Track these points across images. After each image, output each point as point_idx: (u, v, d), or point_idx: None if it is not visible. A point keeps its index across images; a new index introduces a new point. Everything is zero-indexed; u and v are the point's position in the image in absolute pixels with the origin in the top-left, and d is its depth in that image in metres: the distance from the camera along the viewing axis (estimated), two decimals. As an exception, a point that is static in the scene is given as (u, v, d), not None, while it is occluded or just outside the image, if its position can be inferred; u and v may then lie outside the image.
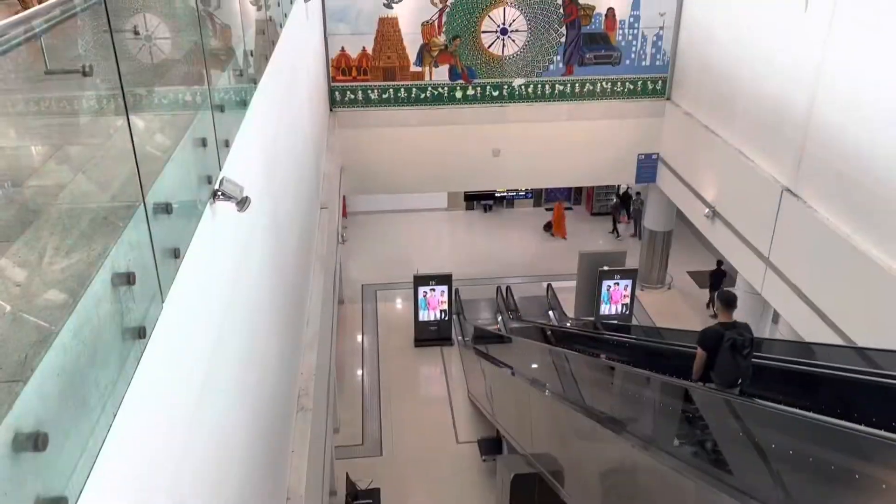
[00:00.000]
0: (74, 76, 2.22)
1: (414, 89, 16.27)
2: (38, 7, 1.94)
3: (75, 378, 1.83)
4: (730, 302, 6.42)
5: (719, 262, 16.88)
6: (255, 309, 5.19)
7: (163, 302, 2.68)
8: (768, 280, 12.09)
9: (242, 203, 3.87)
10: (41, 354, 1.64)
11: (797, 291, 11.17)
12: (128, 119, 2.50)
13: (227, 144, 4.17)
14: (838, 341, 9.83)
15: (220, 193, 3.75)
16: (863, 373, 6.15)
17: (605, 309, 16.25)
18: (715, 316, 16.56)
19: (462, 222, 23.57)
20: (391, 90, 16.21)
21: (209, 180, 3.71)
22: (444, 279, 16.10)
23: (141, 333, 2.39)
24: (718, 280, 16.84)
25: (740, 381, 6.20)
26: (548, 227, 22.26)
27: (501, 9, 15.74)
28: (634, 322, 16.55)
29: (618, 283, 16.14)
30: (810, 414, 4.53)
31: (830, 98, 10.63)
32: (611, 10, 15.87)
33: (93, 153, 2.68)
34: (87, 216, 2.43)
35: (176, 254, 2.96)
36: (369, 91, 16.21)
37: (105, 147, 2.68)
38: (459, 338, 16.54)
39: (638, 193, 21.94)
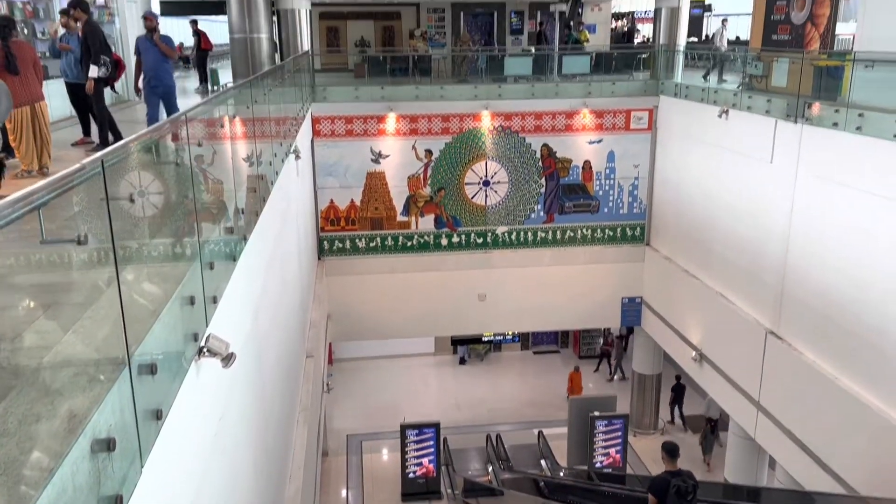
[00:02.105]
0: (69, 245, 2.29)
1: (401, 237, 16.68)
2: (40, 184, 2.05)
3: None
4: (672, 452, 7.40)
5: (678, 377, 17.78)
6: (235, 468, 5.02)
7: (142, 467, 2.62)
8: (761, 424, 11.91)
9: (228, 359, 3.86)
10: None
11: (791, 436, 10.98)
12: (118, 283, 2.56)
13: (214, 300, 4.22)
14: (839, 489, 9.55)
15: (205, 350, 3.75)
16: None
17: (598, 456, 15.77)
18: (707, 462, 16.43)
19: (450, 367, 23.33)
20: (378, 238, 16.60)
21: (195, 337, 3.73)
22: (432, 427, 15.68)
23: (117, 502, 2.32)
24: (679, 395, 18.01)
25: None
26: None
27: (483, 162, 16.49)
28: (629, 471, 16.03)
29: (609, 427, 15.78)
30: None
31: (802, 243, 11.01)
32: (587, 163, 16.67)
33: (81, 315, 2.71)
34: (71, 380, 2.43)
35: (158, 415, 2.92)
36: (357, 240, 16.59)
37: (94, 309, 2.72)
38: (449, 490, 15.87)
39: (619, 337, 22.05)
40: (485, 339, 23.75)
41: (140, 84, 10.27)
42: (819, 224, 10.61)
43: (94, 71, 8.72)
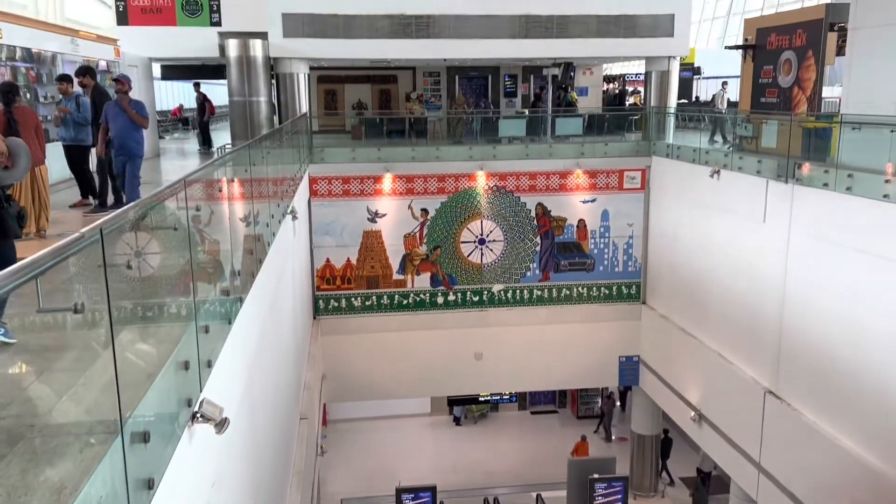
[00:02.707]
0: (66, 313, 2.30)
1: (396, 296, 16.67)
2: (40, 254, 2.07)
3: None
4: None
5: (665, 430, 17.74)
6: (227, 536, 4.90)
7: (131, 541, 2.56)
8: (763, 487, 11.70)
9: (221, 425, 3.82)
10: None
11: (793, 498, 10.78)
12: (113, 350, 2.55)
13: (209, 365, 4.19)
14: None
15: (199, 416, 3.71)
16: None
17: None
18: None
19: (446, 428, 22.96)
20: (374, 297, 16.58)
21: (189, 403, 3.70)
22: (428, 491, 15.33)
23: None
24: (666, 449, 18.02)
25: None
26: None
27: (479, 221, 16.63)
28: (629, 535, 15.64)
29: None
30: None
31: (797, 302, 11.03)
32: (582, 222, 16.81)
33: (74, 381, 2.69)
34: (62, 450, 2.40)
35: (150, 484, 2.87)
36: (353, 298, 16.57)
37: (87, 376, 2.70)
38: (445, 557, 15.44)
39: (608, 397, 21.86)
40: (482, 398, 23.48)
41: (100, 151, 9.46)
42: (814, 282, 10.65)
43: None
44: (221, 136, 17.90)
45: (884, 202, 9.03)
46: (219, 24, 15.29)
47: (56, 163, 9.68)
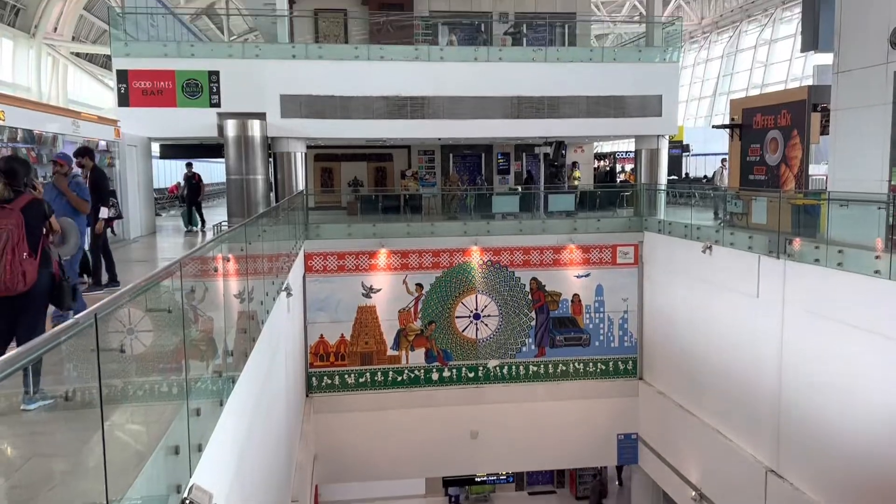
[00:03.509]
0: (57, 401, 2.27)
1: (391, 372, 16.49)
2: (35, 341, 2.06)
3: None
4: None
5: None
6: None
7: None
8: (769, 571, 11.32)
9: (210, 512, 3.72)
10: None
11: (801, 584, 10.42)
12: (103, 439, 2.51)
13: (199, 449, 4.11)
14: None
15: (188, 503, 3.62)
16: None
17: None
18: None
19: (441, 510, 22.29)
20: (368, 374, 16.40)
21: (178, 489, 3.61)
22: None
23: None
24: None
25: None
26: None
27: (473, 296, 16.63)
28: None
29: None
30: None
31: (794, 377, 10.96)
32: (576, 296, 16.83)
33: (62, 470, 2.64)
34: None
35: (133, 580, 2.77)
36: (346, 375, 16.37)
37: (74, 465, 2.65)
38: None
39: (596, 475, 21.33)
40: (478, 479, 22.89)
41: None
42: (810, 358, 10.61)
43: (104, 212, 9.05)
44: (218, 214, 18.06)
45: (875, 278, 9.10)
46: (218, 105, 15.65)
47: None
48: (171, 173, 31.81)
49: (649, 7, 18.21)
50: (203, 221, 16.60)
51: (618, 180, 25.40)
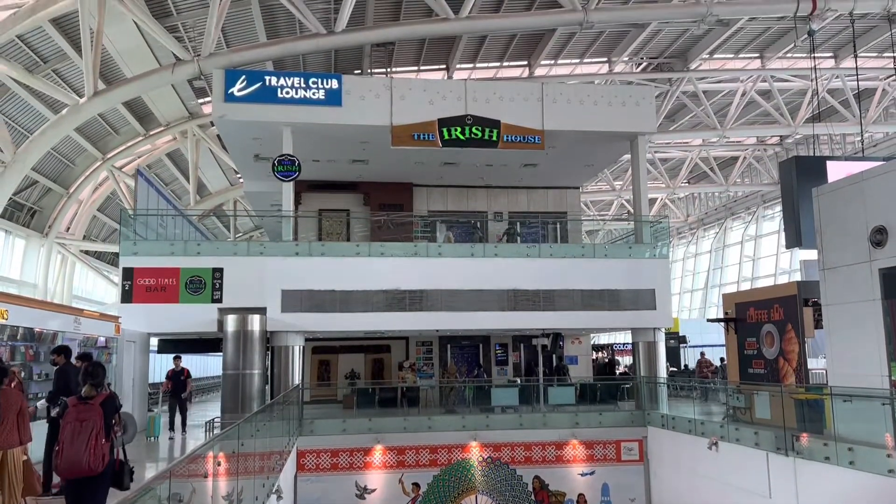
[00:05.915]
0: None
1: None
2: None
3: None
4: None
5: None
6: None
7: None
8: None
9: None
10: None
11: None
12: None
13: None
14: None
15: None
16: None
17: None
18: None
19: None
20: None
21: None
22: None
23: None
24: None
25: None
26: None
27: (473, 497, 15.85)
28: None
29: None
30: None
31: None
32: (581, 497, 16.05)
33: None
34: None
35: None
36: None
37: None
38: None
39: None
40: None
41: None
42: None
43: (41, 405, 8.95)
44: (211, 410, 17.66)
45: (890, 477, 8.75)
46: (220, 300, 15.87)
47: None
48: (166, 367, 31.50)
49: (636, 206, 19.12)
50: (185, 423, 14.83)
51: (617, 372, 25.18)
